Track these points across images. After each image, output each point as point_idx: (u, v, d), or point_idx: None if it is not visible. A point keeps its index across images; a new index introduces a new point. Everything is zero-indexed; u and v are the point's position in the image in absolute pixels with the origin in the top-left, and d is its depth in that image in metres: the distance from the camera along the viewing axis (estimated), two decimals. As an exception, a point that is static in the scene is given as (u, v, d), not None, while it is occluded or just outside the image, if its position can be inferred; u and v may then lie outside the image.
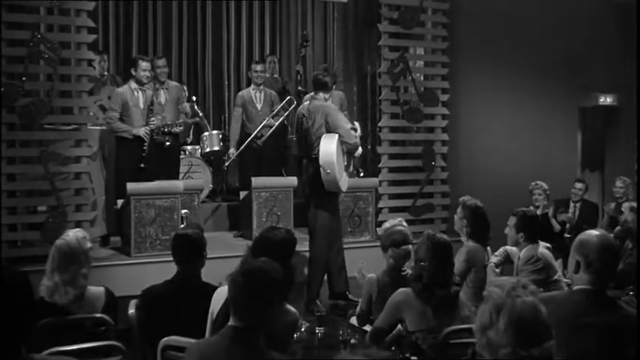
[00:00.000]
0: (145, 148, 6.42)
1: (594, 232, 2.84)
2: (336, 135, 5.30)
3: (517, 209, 4.65)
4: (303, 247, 6.39)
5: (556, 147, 8.39)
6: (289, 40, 10.15)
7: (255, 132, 7.39)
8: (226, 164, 7.62)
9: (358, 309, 4.15)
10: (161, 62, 7.03)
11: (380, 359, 1.99)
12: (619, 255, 3.00)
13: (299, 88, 8.21)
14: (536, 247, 4.56)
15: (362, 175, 7.36)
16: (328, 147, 5.24)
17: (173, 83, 7.26)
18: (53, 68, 5.85)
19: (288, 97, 7.84)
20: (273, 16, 10.12)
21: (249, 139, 7.38)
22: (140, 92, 6.61)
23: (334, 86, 5.75)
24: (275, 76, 8.87)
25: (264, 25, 10.09)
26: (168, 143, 6.80)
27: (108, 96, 7.03)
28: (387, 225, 4.25)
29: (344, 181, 5.49)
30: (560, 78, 8.23)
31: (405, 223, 4.24)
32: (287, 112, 7.70)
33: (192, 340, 3.10)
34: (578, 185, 7.56)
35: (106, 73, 7.98)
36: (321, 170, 5.28)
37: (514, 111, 8.07)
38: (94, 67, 7.77)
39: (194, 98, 8.65)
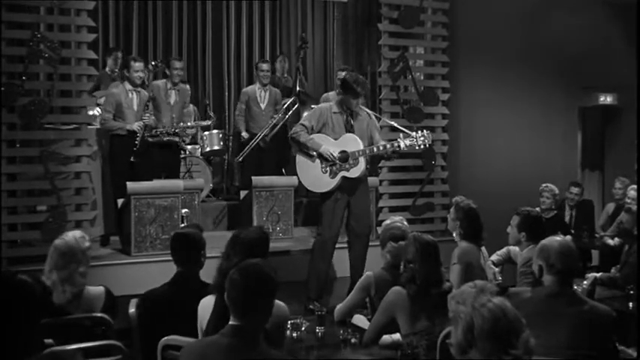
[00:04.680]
0: (136, 142, 6.43)
1: (555, 238, 3.22)
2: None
3: (521, 209, 4.60)
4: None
5: (556, 146, 8.39)
6: (289, 41, 10.15)
7: (262, 133, 7.37)
8: (240, 157, 7.53)
9: (343, 303, 4.13)
10: (178, 64, 7.04)
11: (382, 359, 2.00)
12: (578, 258, 3.23)
13: (298, 88, 8.24)
14: None
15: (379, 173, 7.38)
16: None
17: (184, 86, 7.30)
18: (53, 67, 5.85)
19: (294, 97, 7.84)
20: (273, 17, 10.12)
21: (254, 140, 7.36)
22: (134, 94, 6.61)
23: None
24: (285, 75, 8.87)
25: (264, 25, 10.09)
26: (184, 142, 6.84)
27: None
28: (387, 222, 4.25)
29: (316, 182, 5.47)
30: (560, 78, 8.23)
31: (405, 222, 4.23)
32: (290, 112, 7.68)
33: (192, 340, 3.10)
34: (574, 190, 7.41)
35: (117, 70, 8.01)
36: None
37: (514, 110, 8.07)
38: (106, 64, 7.86)
39: (207, 102, 8.67)
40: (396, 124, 6.04)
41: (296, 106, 7.67)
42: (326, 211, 5.47)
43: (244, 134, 7.76)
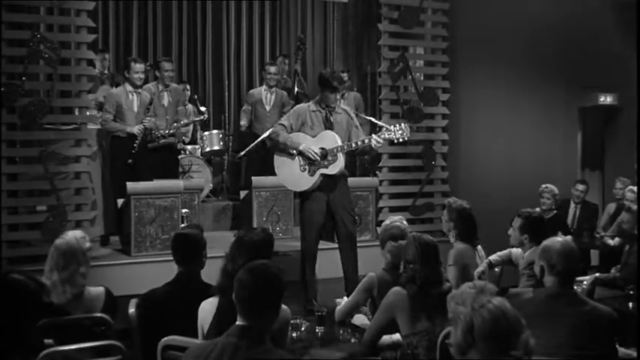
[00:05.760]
0: (135, 145, 6.43)
1: (557, 239, 3.23)
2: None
3: (522, 210, 4.58)
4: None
5: (556, 147, 8.39)
6: (289, 41, 10.15)
7: (268, 132, 7.35)
8: (241, 154, 7.53)
9: (343, 302, 4.13)
10: (168, 66, 7.04)
11: (350, 354, 2.00)
12: (579, 259, 3.24)
13: (297, 89, 8.25)
14: None
15: (378, 174, 7.38)
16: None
17: (174, 85, 7.30)
18: (53, 68, 5.85)
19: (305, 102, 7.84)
20: (273, 17, 10.12)
21: (259, 139, 7.36)
22: (135, 95, 6.62)
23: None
24: (284, 76, 8.88)
25: (264, 25, 10.10)
26: (178, 143, 6.85)
27: (104, 95, 7.04)
28: (387, 222, 4.25)
29: (294, 181, 5.47)
30: (559, 78, 8.23)
31: (405, 222, 4.23)
32: None
33: (192, 340, 3.10)
34: (580, 187, 7.50)
35: (106, 72, 8.00)
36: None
37: (514, 110, 8.07)
38: (95, 66, 7.82)
39: (195, 97, 8.65)
40: (374, 120, 6.03)
41: (297, 106, 7.67)
42: (305, 213, 5.43)
43: (243, 123, 7.72)
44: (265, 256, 3.19)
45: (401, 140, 5.40)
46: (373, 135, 5.35)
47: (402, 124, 5.37)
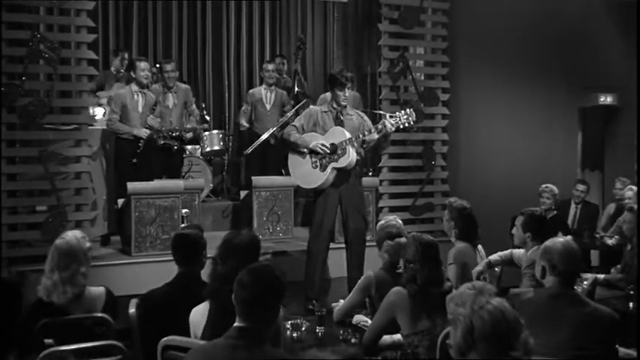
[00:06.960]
0: (140, 145, 6.43)
1: (558, 240, 3.24)
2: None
3: (525, 209, 4.60)
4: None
5: (556, 147, 8.39)
6: (289, 41, 10.15)
7: (272, 130, 7.36)
8: (248, 151, 7.54)
9: (341, 302, 4.14)
10: (169, 67, 7.05)
11: (347, 356, 2.00)
12: (580, 259, 3.25)
13: (297, 89, 8.25)
14: None
15: (371, 174, 7.39)
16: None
17: (183, 86, 7.29)
18: (53, 68, 5.85)
19: (305, 100, 7.85)
20: (273, 17, 10.13)
21: (260, 139, 7.37)
22: (140, 95, 6.61)
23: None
24: (284, 76, 8.89)
25: (264, 25, 10.10)
26: (176, 147, 6.85)
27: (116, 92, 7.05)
28: (382, 222, 4.25)
29: (307, 179, 5.49)
30: (560, 78, 8.23)
31: (399, 220, 4.22)
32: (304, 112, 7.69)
33: (192, 340, 3.10)
34: (581, 187, 7.51)
35: (122, 70, 8.01)
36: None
37: (514, 110, 8.07)
38: (112, 64, 7.88)
39: (202, 105, 8.67)
40: (381, 111, 6.11)
41: (309, 108, 7.72)
42: (318, 208, 5.46)
43: (244, 123, 7.75)
44: (253, 258, 3.20)
45: (407, 125, 5.41)
46: (385, 120, 5.36)
47: (407, 109, 5.41)
